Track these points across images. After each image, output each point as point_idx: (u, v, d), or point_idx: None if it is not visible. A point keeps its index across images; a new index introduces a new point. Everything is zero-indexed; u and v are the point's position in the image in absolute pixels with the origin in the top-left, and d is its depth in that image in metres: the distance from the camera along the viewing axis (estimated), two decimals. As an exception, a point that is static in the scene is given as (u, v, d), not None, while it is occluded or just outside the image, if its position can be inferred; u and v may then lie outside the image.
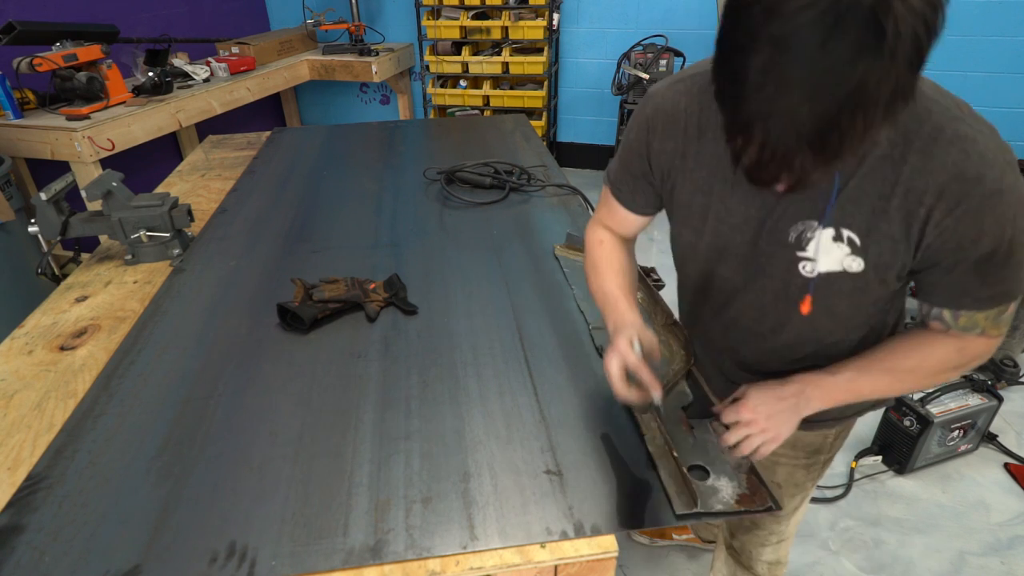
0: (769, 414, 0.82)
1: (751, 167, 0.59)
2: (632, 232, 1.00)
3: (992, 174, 0.64)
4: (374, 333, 1.17)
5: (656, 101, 0.84)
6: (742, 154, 0.59)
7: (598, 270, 0.96)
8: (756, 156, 0.57)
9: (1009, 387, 2.28)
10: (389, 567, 0.74)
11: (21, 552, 0.76)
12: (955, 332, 0.77)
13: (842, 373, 0.83)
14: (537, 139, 2.21)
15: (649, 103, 0.85)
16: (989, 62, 3.40)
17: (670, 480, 0.84)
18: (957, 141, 0.65)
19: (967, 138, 0.65)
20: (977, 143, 0.65)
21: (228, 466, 0.88)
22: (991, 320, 0.74)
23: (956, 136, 0.65)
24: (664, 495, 0.82)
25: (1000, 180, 0.64)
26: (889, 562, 1.69)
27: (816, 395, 0.83)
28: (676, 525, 0.80)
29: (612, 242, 1.00)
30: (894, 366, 0.82)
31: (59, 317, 1.26)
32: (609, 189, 0.97)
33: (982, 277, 0.70)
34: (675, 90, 0.83)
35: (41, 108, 2.60)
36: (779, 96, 0.52)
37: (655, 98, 0.85)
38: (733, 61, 0.55)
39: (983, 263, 0.68)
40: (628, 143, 0.90)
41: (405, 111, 4.39)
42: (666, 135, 0.84)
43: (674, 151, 0.84)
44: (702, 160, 0.82)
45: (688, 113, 0.81)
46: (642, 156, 0.87)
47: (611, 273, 0.95)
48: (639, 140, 0.87)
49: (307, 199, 1.75)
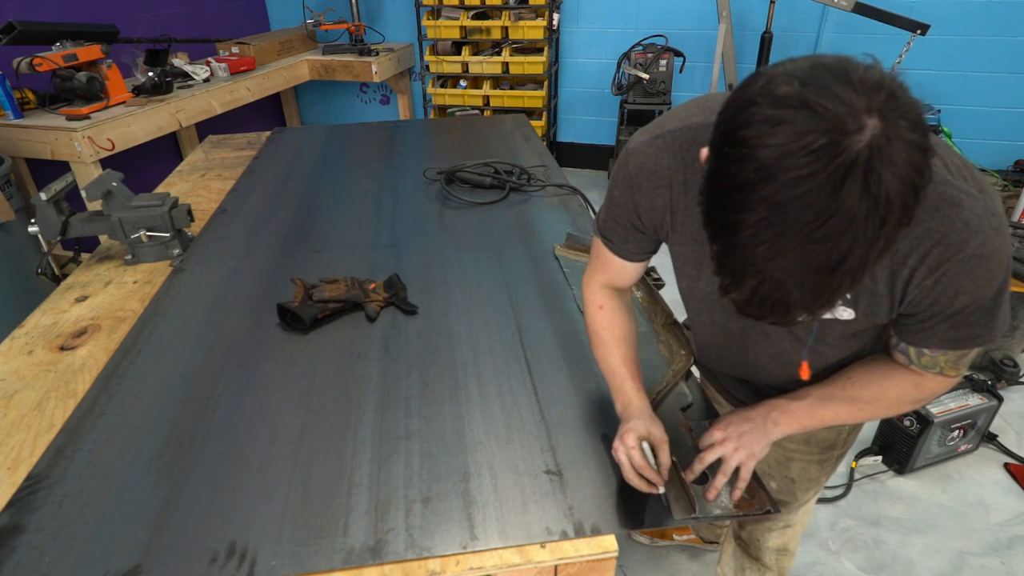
0: (740, 433, 0.86)
1: (740, 304, 0.60)
2: (631, 280, 0.98)
3: (975, 241, 0.64)
4: (374, 333, 1.17)
5: (638, 159, 0.82)
6: (732, 290, 0.59)
7: (601, 340, 0.95)
8: (747, 297, 0.58)
9: (1009, 387, 2.28)
10: (389, 567, 0.74)
11: (21, 552, 0.76)
12: (915, 368, 0.79)
13: (805, 400, 0.87)
14: (537, 139, 2.21)
15: (631, 160, 0.83)
16: (989, 62, 3.40)
17: (669, 485, 0.84)
18: (943, 207, 0.65)
19: (953, 203, 0.65)
20: (963, 208, 0.65)
21: (228, 466, 0.88)
22: (951, 362, 0.77)
23: (941, 201, 0.65)
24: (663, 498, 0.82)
25: (982, 246, 0.64)
26: (889, 562, 1.69)
27: (782, 419, 0.87)
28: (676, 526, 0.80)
29: (612, 306, 0.97)
30: (855, 396, 0.84)
31: (59, 317, 1.26)
32: (600, 241, 0.94)
33: (952, 325, 0.71)
34: (655, 147, 0.80)
35: (41, 108, 2.60)
36: (773, 257, 0.52)
37: (636, 155, 0.82)
38: (725, 208, 0.54)
39: (956, 315, 0.70)
40: (614, 199, 0.87)
41: (405, 111, 4.39)
42: (652, 193, 0.82)
43: (663, 208, 0.83)
44: (691, 213, 0.81)
45: (672, 170, 0.80)
46: (630, 211, 0.86)
47: (615, 344, 0.94)
48: (625, 197, 0.85)
49: (307, 199, 1.75)
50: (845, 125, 0.48)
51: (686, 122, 0.78)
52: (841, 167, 0.48)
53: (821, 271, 0.52)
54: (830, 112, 0.48)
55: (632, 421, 0.85)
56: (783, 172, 0.49)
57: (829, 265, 0.51)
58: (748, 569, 1.32)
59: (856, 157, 0.48)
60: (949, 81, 3.50)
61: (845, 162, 0.48)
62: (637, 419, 0.85)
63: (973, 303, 0.68)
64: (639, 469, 0.80)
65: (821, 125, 0.48)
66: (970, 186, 0.66)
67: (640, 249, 0.92)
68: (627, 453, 0.81)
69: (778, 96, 0.50)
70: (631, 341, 0.95)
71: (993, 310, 0.70)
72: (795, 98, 0.50)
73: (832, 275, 0.52)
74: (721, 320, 0.91)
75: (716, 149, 0.55)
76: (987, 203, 0.65)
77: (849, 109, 0.48)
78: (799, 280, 0.53)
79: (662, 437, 0.84)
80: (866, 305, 0.74)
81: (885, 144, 0.48)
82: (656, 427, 0.85)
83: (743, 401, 1.09)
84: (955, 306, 0.69)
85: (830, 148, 0.48)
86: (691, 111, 0.80)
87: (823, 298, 0.55)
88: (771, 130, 0.50)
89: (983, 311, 0.70)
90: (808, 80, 0.50)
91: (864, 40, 3.50)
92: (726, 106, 0.55)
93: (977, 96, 3.50)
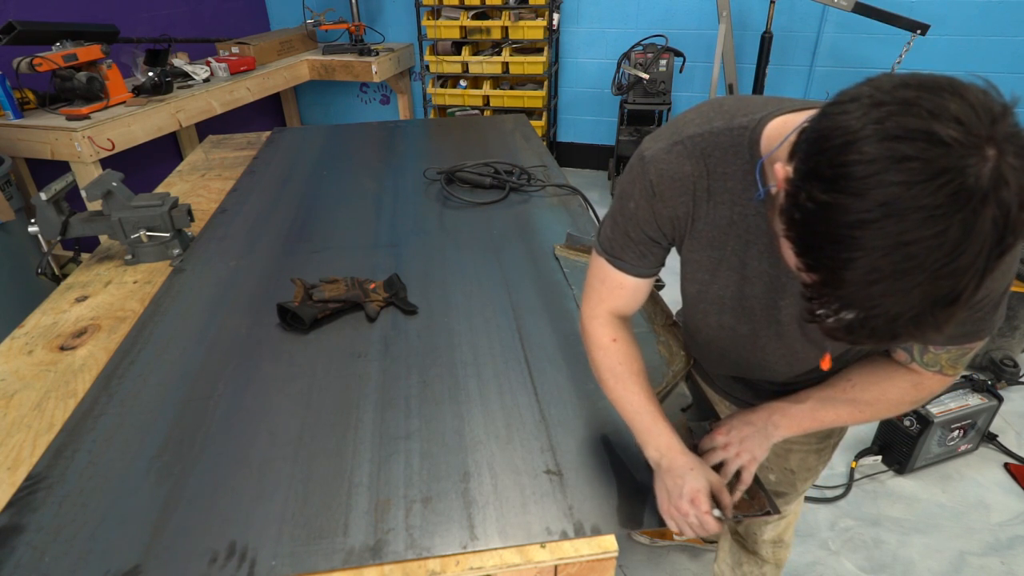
0: (742, 438, 0.86)
1: (833, 330, 0.56)
2: (642, 299, 0.91)
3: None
4: (374, 333, 1.17)
5: (659, 167, 0.77)
6: (827, 319, 0.55)
7: (620, 378, 0.88)
8: (847, 325, 0.54)
9: (1009, 387, 2.28)
10: (389, 567, 0.74)
11: (21, 552, 0.76)
12: (916, 366, 0.79)
13: (806, 403, 0.87)
14: (537, 139, 2.21)
15: (651, 168, 0.78)
16: (989, 62, 3.40)
17: None
18: None
19: None
20: None
21: (228, 466, 0.88)
22: (951, 361, 0.77)
23: None
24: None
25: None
26: (889, 562, 1.69)
27: (783, 422, 0.87)
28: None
29: (626, 338, 0.90)
30: (855, 398, 0.85)
31: (59, 317, 1.26)
32: (608, 263, 0.86)
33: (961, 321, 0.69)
34: (676, 153, 0.76)
35: (41, 108, 2.60)
36: (892, 294, 0.49)
37: (657, 163, 0.77)
38: (836, 245, 0.50)
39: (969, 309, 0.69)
40: (629, 212, 0.81)
41: (405, 111, 4.39)
42: (675, 200, 0.78)
43: (685, 215, 0.79)
44: (712, 220, 0.79)
45: (696, 177, 0.76)
46: (650, 222, 0.81)
47: (635, 381, 0.87)
48: (644, 208, 0.80)
49: (307, 199, 1.75)
50: (969, 155, 0.46)
51: (705, 127, 0.75)
52: (973, 201, 0.46)
53: (939, 304, 0.49)
54: (956, 142, 0.46)
55: (688, 476, 0.78)
56: (913, 211, 0.46)
57: (951, 298, 0.49)
58: (745, 563, 1.32)
59: (987, 190, 0.46)
60: (949, 81, 3.49)
61: (977, 196, 0.46)
62: (691, 471, 0.79)
63: (984, 298, 0.68)
64: (711, 533, 0.76)
65: (949, 157, 0.46)
66: None
67: (656, 262, 0.87)
68: (700, 519, 0.76)
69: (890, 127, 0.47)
70: (646, 373, 0.89)
71: (999, 304, 0.70)
72: (916, 129, 0.47)
73: (951, 307, 0.50)
74: (731, 323, 0.87)
75: (819, 179, 0.51)
76: None
77: (974, 139, 0.46)
78: (916, 314, 0.50)
79: (719, 482, 0.80)
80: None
81: (1007, 171, 0.46)
82: (710, 473, 0.81)
83: (739, 399, 1.09)
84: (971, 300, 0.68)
85: (959, 182, 0.45)
86: (708, 116, 0.76)
87: (937, 329, 0.52)
88: (895, 165, 0.47)
89: (991, 305, 0.70)
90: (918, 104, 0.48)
91: (864, 40, 3.50)
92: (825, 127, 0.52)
93: (977, 96, 3.50)
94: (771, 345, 0.87)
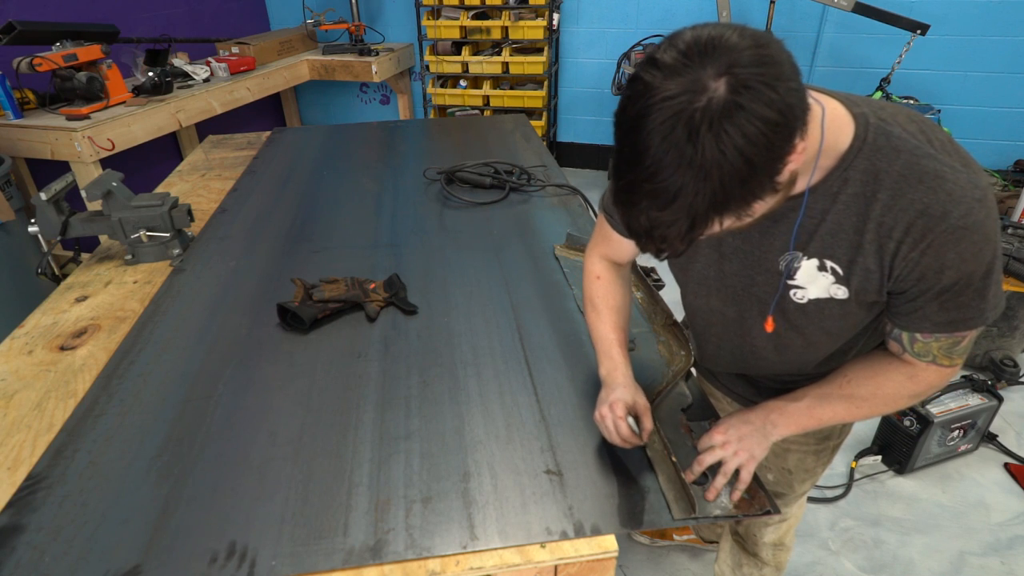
0: (740, 436, 0.86)
1: (629, 236, 0.67)
2: (629, 257, 1.02)
3: (957, 211, 0.65)
4: (374, 333, 1.17)
5: None
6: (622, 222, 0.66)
7: (595, 308, 1.00)
8: (626, 230, 0.66)
9: (1009, 387, 2.28)
10: (389, 567, 0.74)
11: (21, 552, 0.76)
12: (909, 357, 0.80)
13: (803, 400, 0.88)
14: (537, 139, 2.21)
15: None
16: (989, 62, 3.40)
17: (668, 485, 0.84)
18: (925, 179, 0.66)
19: (935, 175, 0.66)
20: (945, 180, 0.66)
21: (228, 466, 0.88)
22: (944, 350, 0.77)
23: (924, 173, 0.66)
24: (663, 498, 0.82)
25: (965, 217, 0.65)
26: (889, 562, 1.69)
27: (781, 421, 0.87)
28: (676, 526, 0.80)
29: (609, 278, 1.01)
30: (852, 393, 0.85)
31: (59, 317, 1.26)
32: (604, 216, 0.99)
33: (942, 305, 0.72)
34: None
35: (41, 108, 2.60)
36: (630, 192, 0.61)
37: None
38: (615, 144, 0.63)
39: (944, 293, 0.70)
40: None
41: (405, 111, 4.39)
42: None
43: None
44: None
45: None
46: None
47: (607, 313, 0.98)
48: None
49: (307, 199, 1.75)
50: (695, 86, 0.55)
51: None
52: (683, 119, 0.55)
53: (661, 210, 0.59)
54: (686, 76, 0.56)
55: (618, 389, 0.89)
56: (649, 117, 0.57)
57: (665, 203, 0.59)
58: (745, 565, 1.32)
59: (699, 114, 0.55)
60: (949, 81, 3.50)
61: (685, 116, 0.55)
62: (622, 387, 0.89)
63: (961, 280, 0.69)
64: (625, 439, 0.84)
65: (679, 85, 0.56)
66: (953, 160, 0.67)
67: None
68: (615, 423, 0.85)
69: (658, 60, 0.59)
70: (624, 312, 1.00)
71: (983, 291, 0.70)
72: (669, 65, 0.57)
73: (667, 210, 0.59)
74: (718, 306, 0.92)
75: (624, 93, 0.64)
76: (970, 176, 0.66)
77: (697, 75, 0.55)
78: (649, 217, 0.61)
79: (645, 405, 0.88)
80: (858, 282, 0.75)
81: (735, 110, 0.54)
82: (640, 395, 0.89)
83: (741, 395, 1.10)
84: (943, 282, 0.69)
85: (680, 104, 0.56)
86: None
87: (672, 235, 0.62)
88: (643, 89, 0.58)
89: (973, 291, 0.70)
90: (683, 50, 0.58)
91: (864, 40, 3.50)
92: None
93: (977, 96, 3.50)
94: (756, 328, 0.89)
